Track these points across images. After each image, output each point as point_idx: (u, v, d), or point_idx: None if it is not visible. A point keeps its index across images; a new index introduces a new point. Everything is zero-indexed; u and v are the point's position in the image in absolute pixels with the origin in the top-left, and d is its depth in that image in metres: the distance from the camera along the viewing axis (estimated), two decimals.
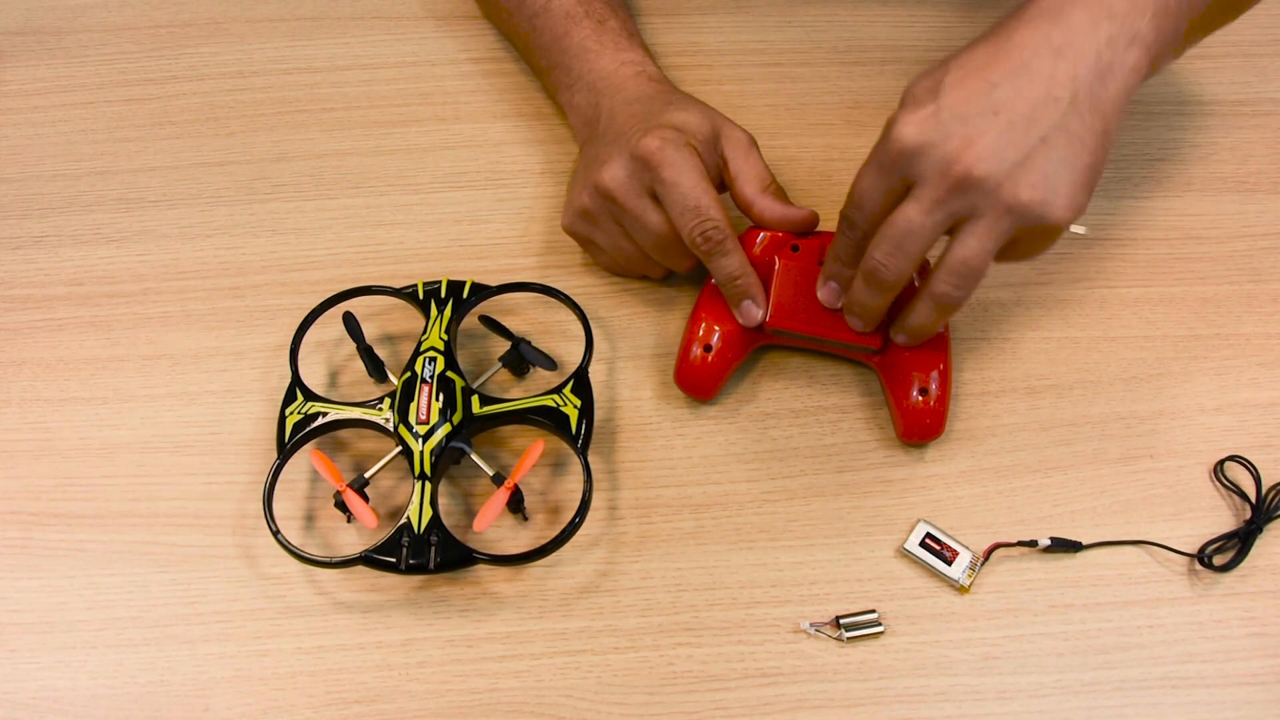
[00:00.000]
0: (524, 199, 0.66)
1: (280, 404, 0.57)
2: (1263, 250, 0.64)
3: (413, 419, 0.55)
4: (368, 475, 0.55)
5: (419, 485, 0.53)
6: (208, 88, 0.71)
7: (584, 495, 0.53)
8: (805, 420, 0.59)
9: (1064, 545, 0.55)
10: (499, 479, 0.54)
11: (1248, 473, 0.57)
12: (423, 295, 0.59)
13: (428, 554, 0.52)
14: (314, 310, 0.59)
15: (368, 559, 0.52)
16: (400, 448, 0.55)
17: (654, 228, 0.56)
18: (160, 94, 0.71)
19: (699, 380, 0.58)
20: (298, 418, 0.56)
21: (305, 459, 0.57)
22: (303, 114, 0.70)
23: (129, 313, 0.63)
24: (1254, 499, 0.56)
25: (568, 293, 0.59)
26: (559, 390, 0.56)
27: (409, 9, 0.75)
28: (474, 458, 0.55)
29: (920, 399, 0.56)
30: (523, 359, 0.59)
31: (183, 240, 0.65)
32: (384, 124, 0.70)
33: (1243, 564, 0.54)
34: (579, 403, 0.56)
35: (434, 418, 0.54)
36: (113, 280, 0.64)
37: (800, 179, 0.67)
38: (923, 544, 0.55)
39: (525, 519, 0.57)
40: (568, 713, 0.52)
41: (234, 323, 0.62)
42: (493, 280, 0.60)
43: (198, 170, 0.68)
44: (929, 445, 0.58)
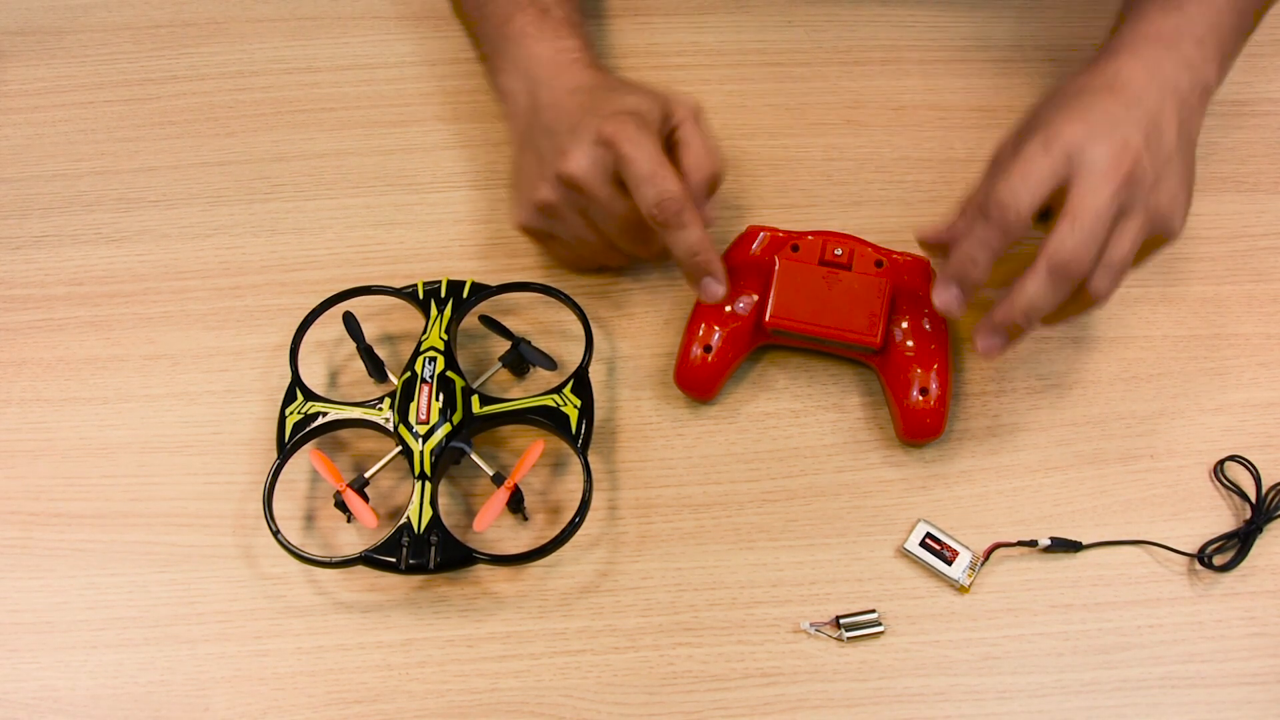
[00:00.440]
0: None
1: (280, 404, 0.57)
2: (1263, 250, 0.64)
3: (413, 419, 0.55)
4: (368, 475, 0.55)
5: (419, 485, 0.53)
6: (208, 88, 0.71)
7: (584, 495, 0.53)
8: (805, 420, 0.59)
9: (1064, 545, 0.55)
10: (499, 479, 0.54)
11: (1248, 472, 0.57)
12: (423, 295, 0.59)
13: (428, 554, 0.52)
14: (314, 310, 0.59)
15: (368, 559, 0.52)
16: (400, 448, 0.55)
17: (623, 212, 0.55)
18: (160, 94, 0.71)
19: (699, 380, 0.58)
20: (298, 417, 0.56)
21: (305, 459, 0.57)
22: (303, 114, 0.70)
23: (129, 313, 0.63)
24: (1254, 499, 0.56)
25: (568, 293, 0.59)
26: (559, 390, 0.56)
27: (409, 9, 0.75)
28: (474, 458, 0.55)
29: (920, 399, 0.56)
30: (523, 359, 0.59)
31: (183, 240, 0.65)
32: (384, 124, 0.70)
33: (1243, 564, 0.54)
34: (579, 403, 0.56)
35: (434, 418, 0.54)
36: (113, 280, 0.64)
37: (800, 179, 0.67)
38: (923, 544, 0.55)
39: (525, 519, 0.57)
40: (568, 713, 0.52)
41: (234, 323, 0.62)
42: (493, 280, 0.60)
43: (198, 170, 0.68)
44: (929, 445, 0.58)
